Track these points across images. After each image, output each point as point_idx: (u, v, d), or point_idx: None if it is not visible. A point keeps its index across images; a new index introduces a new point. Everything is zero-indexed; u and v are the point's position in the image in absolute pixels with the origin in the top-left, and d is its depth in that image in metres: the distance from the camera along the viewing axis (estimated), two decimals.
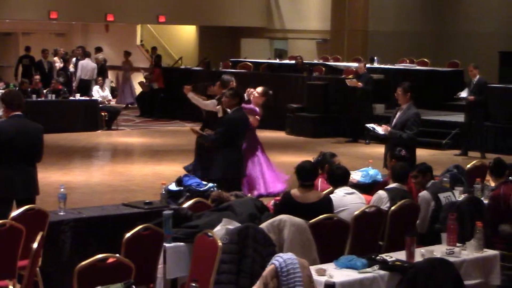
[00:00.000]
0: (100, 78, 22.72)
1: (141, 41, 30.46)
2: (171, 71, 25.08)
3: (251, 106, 12.04)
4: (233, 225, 6.96)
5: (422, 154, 14.73)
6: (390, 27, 26.41)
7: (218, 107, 11.42)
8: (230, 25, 28.55)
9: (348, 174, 8.42)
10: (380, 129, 11.35)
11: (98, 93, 21.86)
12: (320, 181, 8.79)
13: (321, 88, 21.16)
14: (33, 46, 26.55)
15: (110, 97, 22.82)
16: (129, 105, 26.46)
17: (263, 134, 20.65)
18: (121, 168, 15.68)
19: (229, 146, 10.26)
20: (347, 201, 8.00)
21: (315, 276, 6.19)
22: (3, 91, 16.22)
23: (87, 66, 23.61)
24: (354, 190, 8.24)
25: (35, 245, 6.69)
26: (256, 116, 12.03)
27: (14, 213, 7.45)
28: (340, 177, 8.24)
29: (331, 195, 8.08)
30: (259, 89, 12.23)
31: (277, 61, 25.78)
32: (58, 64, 25.17)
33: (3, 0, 23.44)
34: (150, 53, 27.59)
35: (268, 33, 29.61)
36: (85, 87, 22.69)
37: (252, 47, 29.43)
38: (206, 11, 27.59)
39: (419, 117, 11.14)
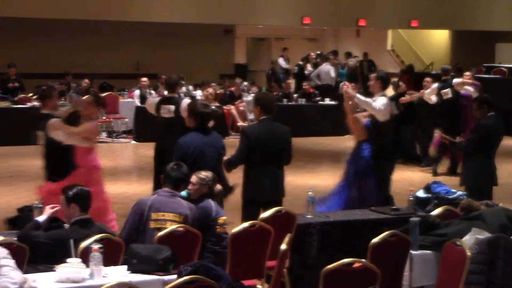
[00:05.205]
0: (353, 84, 22.69)
1: (392, 46, 30.34)
2: (422, 76, 24.73)
3: None
4: (483, 235, 6.76)
5: None
6: None
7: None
8: (485, 29, 27.78)
9: None
10: None
11: None
12: None
13: None
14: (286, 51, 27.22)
15: None
16: None
17: None
18: None
19: (482, 153, 9.96)
20: None
21: None
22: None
23: (321, 71, 23.79)
24: None
25: (283, 246, 6.82)
26: None
27: (264, 214, 7.62)
28: None
29: None
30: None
31: None
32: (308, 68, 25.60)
33: (257, 6, 24.12)
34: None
35: None
36: (325, 91, 22.80)
37: (508, 51, 28.52)
38: (459, 15, 27.01)
39: None
